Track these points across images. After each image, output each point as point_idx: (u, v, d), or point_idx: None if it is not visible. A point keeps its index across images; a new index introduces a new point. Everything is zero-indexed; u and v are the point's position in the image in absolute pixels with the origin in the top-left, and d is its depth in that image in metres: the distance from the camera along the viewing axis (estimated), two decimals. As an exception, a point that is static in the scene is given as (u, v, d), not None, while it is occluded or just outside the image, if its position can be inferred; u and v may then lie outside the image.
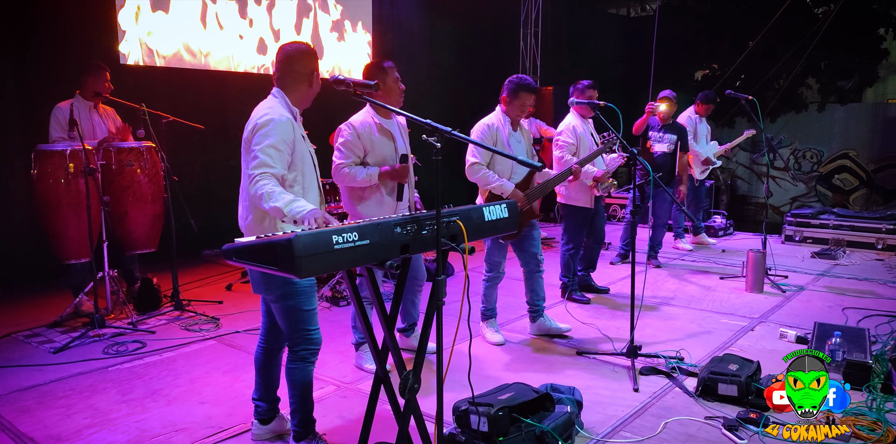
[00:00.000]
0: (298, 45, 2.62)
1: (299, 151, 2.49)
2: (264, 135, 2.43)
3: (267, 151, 2.40)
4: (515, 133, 3.98)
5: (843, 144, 13.76)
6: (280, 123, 2.44)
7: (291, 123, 2.49)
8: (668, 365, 3.62)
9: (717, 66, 13.10)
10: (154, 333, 4.29)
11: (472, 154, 3.86)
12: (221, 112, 6.22)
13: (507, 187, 3.86)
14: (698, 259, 6.53)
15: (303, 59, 2.59)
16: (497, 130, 3.88)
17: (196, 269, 5.99)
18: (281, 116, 2.47)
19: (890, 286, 5.39)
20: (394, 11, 8.30)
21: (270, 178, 2.37)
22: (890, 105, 14.29)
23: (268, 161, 2.39)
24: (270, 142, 2.40)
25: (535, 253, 4.09)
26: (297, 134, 2.51)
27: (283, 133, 2.43)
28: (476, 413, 2.53)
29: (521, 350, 4.01)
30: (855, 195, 13.80)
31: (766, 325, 4.43)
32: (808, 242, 7.08)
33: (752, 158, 14.03)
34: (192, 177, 6.21)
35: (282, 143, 2.41)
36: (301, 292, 2.53)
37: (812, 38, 10.43)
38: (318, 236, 1.87)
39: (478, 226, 2.32)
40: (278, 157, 2.40)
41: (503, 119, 3.95)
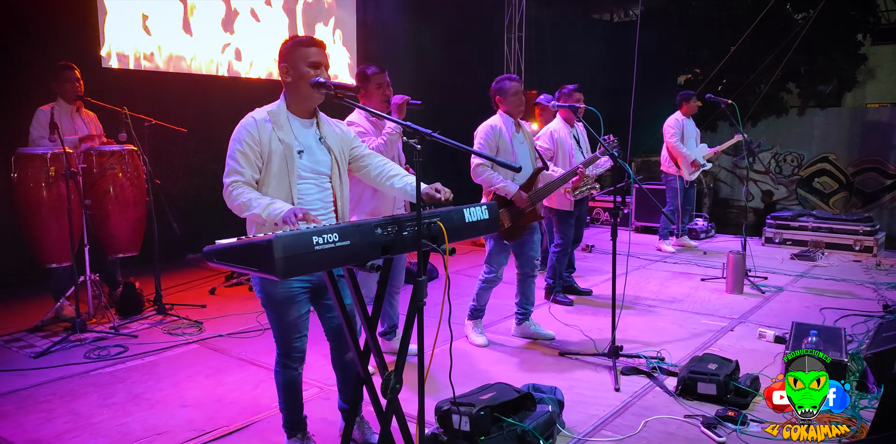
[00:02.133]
0: (284, 42, 2.50)
1: (276, 156, 2.38)
2: (232, 140, 2.41)
3: (234, 156, 2.38)
4: (518, 134, 4.01)
5: (823, 148, 13.97)
6: (244, 126, 2.40)
7: (260, 124, 2.39)
8: (649, 365, 3.67)
9: (699, 70, 13.26)
10: (136, 337, 4.27)
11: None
12: (204, 116, 6.20)
13: (511, 188, 3.87)
14: (680, 261, 6.60)
15: (282, 54, 2.46)
16: (500, 131, 3.91)
17: (179, 273, 5.96)
18: (249, 119, 2.42)
19: (866, 287, 5.48)
20: (378, 16, 8.33)
21: (242, 185, 2.35)
22: (868, 109, 14.54)
23: (236, 167, 2.37)
24: (235, 147, 2.38)
25: (533, 257, 4.12)
26: (273, 135, 2.38)
27: (247, 135, 2.37)
28: (458, 413, 2.55)
29: (504, 351, 4.03)
30: (835, 198, 14.00)
31: (746, 325, 4.49)
32: (788, 244, 7.18)
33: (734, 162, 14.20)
34: (174, 181, 6.20)
35: (246, 145, 2.36)
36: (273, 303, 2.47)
37: (792, 43, 10.59)
38: (298, 237, 1.88)
39: (458, 227, 2.34)
40: (244, 160, 2.36)
41: (506, 120, 3.97)
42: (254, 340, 4.25)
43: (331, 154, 2.52)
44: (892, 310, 4.62)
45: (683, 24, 12.53)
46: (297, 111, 2.48)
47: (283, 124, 2.43)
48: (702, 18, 12.53)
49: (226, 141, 2.46)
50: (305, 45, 2.41)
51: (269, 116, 2.43)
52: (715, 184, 14.55)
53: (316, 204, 2.48)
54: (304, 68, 2.38)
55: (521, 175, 4.00)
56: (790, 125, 13.89)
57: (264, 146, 2.38)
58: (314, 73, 2.38)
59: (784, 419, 3.01)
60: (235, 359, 3.92)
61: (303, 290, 2.49)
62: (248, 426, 3.04)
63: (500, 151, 3.89)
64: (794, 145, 14.17)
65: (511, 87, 3.94)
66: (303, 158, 2.43)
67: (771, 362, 3.75)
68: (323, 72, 2.41)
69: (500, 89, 3.95)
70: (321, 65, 2.41)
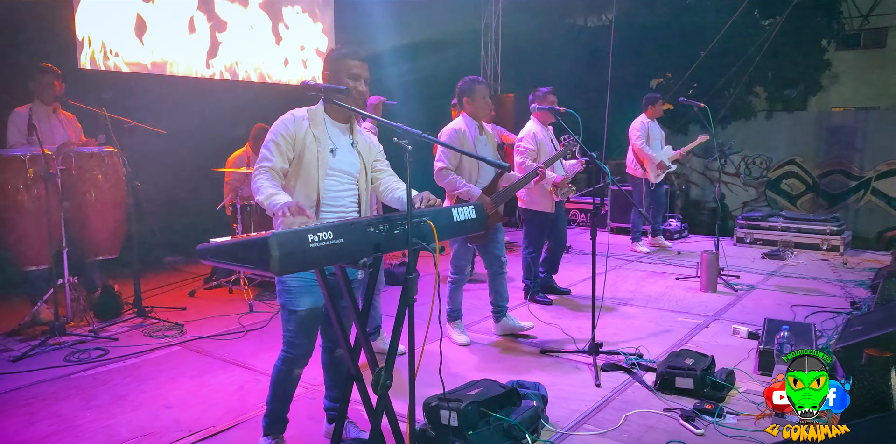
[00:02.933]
0: (331, 50, 2.67)
1: (309, 150, 2.52)
2: (270, 131, 2.56)
3: (268, 146, 2.53)
4: (481, 137, 4.09)
5: (790, 151, 14.32)
6: (282, 120, 2.56)
7: (297, 121, 2.54)
8: (628, 361, 3.75)
9: (670, 74, 13.52)
10: (117, 340, 4.24)
11: (440, 159, 3.96)
12: (182, 118, 6.17)
13: (475, 192, 3.96)
14: (655, 261, 6.73)
15: (327, 62, 2.62)
16: (464, 134, 3.98)
17: (158, 276, 5.92)
18: (289, 115, 2.57)
19: (834, 285, 5.66)
20: (356, 19, 8.36)
21: (266, 172, 2.49)
22: (833, 113, 14.95)
23: (267, 154, 2.52)
24: (271, 137, 2.54)
25: (499, 255, 4.20)
26: (309, 132, 2.53)
27: (283, 128, 2.52)
28: (446, 409, 2.60)
29: (486, 350, 4.10)
30: (802, 200, 14.36)
31: (720, 322, 4.61)
32: (759, 243, 7.37)
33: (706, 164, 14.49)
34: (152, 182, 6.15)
35: (281, 137, 2.51)
36: (287, 290, 2.55)
37: (759, 48, 10.87)
38: (294, 235, 1.92)
39: (447, 226, 2.40)
40: (276, 150, 2.51)
41: (470, 123, 4.05)
42: (237, 341, 4.25)
43: (360, 158, 2.67)
44: (859, 306, 4.79)
45: (655, 29, 12.77)
46: (334, 116, 2.63)
47: (319, 123, 2.58)
48: (672, 24, 12.78)
49: (204, 143, 2.55)
50: (351, 57, 2.57)
51: (307, 114, 2.58)
52: (686, 186, 14.83)
53: (339, 201, 2.61)
54: (345, 79, 2.54)
55: (484, 177, 4.08)
56: (758, 129, 14.22)
57: (298, 140, 2.52)
58: (353, 84, 2.54)
59: (759, 410, 3.15)
60: (219, 360, 3.92)
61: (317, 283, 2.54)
62: (235, 426, 3.05)
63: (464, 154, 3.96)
64: (762, 148, 14.50)
65: (481, 89, 4.04)
66: (334, 156, 2.57)
67: (745, 357, 3.87)
68: (362, 84, 2.57)
69: (470, 91, 4.02)
70: (361, 77, 2.56)
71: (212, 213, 5.92)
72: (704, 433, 2.94)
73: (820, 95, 15.02)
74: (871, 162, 13.47)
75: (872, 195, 13.58)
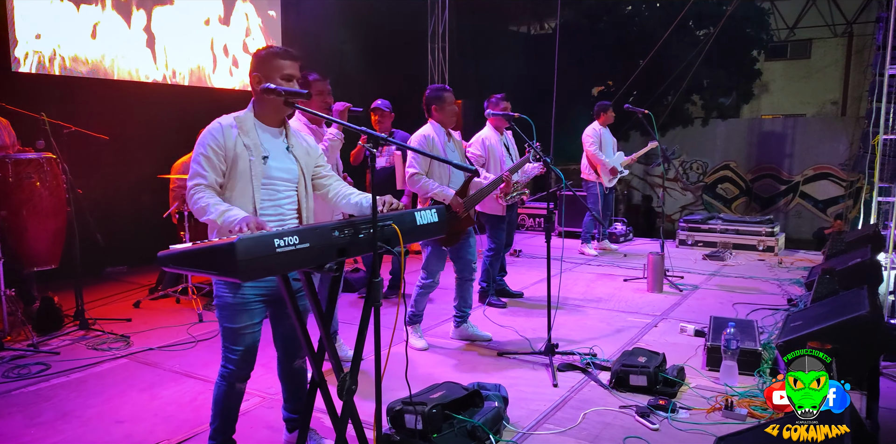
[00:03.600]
0: (258, 51, 2.50)
1: (241, 160, 2.39)
2: (198, 144, 2.42)
3: (198, 160, 2.39)
4: (450, 143, 4.14)
5: (725, 156, 14.94)
6: (209, 131, 2.41)
7: (225, 129, 2.40)
8: (583, 361, 3.84)
9: (611, 82, 13.91)
10: (59, 354, 4.07)
11: (412, 165, 3.98)
12: (126, 123, 6.00)
13: (448, 193, 3.99)
14: (603, 263, 6.90)
15: (255, 63, 2.47)
16: (434, 140, 4.02)
17: (99, 287, 5.70)
18: (215, 124, 2.43)
19: (771, 283, 5.92)
20: (300, 23, 8.28)
21: (205, 189, 2.36)
22: (764, 120, 15.68)
23: (199, 170, 2.38)
24: (200, 150, 2.39)
25: (471, 261, 4.24)
26: (239, 140, 2.39)
27: (212, 140, 2.38)
28: (410, 413, 2.60)
29: (445, 354, 4.11)
30: (736, 203, 14.98)
31: (668, 321, 4.77)
32: (699, 245, 7.64)
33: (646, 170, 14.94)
34: (94, 190, 5.94)
35: (210, 150, 2.37)
36: (224, 306, 2.46)
37: (696, 58, 11.30)
38: (260, 240, 1.90)
39: (410, 229, 2.41)
40: (208, 164, 2.37)
41: (438, 130, 4.10)
42: (187, 352, 4.14)
43: (298, 163, 2.55)
44: (796, 303, 5.03)
45: (597, 38, 13.12)
46: (265, 120, 2.49)
47: (249, 130, 2.44)
48: (614, 33, 13.17)
49: (147, 149, 2.46)
50: (282, 57, 2.42)
51: (235, 122, 2.43)
52: (628, 191, 15.26)
53: (278, 210, 2.49)
54: (277, 80, 2.40)
55: (455, 182, 4.13)
56: (695, 135, 14.79)
57: (229, 150, 2.38)
58: (286, 85, 2.41)
59: (709, 405, 3.27)
60: (169, 372, 3.81)
61: (258, 298, 2.47)
62: (191, 439, 2.97)
63: (434, 160, 4.00)
64: (699, 154, 15.08)
65: (449, 97, 4.10)
66: (267, 163, 2.44)
67: (693, 354, 4.01)
68: (294, 85, 2.44)
69: (439, 98, 4.08)
70: (294, 78, 2.44)
71: (157, 221, 5.76)
72: (660, 428, 3.03)
73: (752, 102, 15.74)
74: (799, 167, 14.18)
75: (801, 198, 14.29)
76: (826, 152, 13.80)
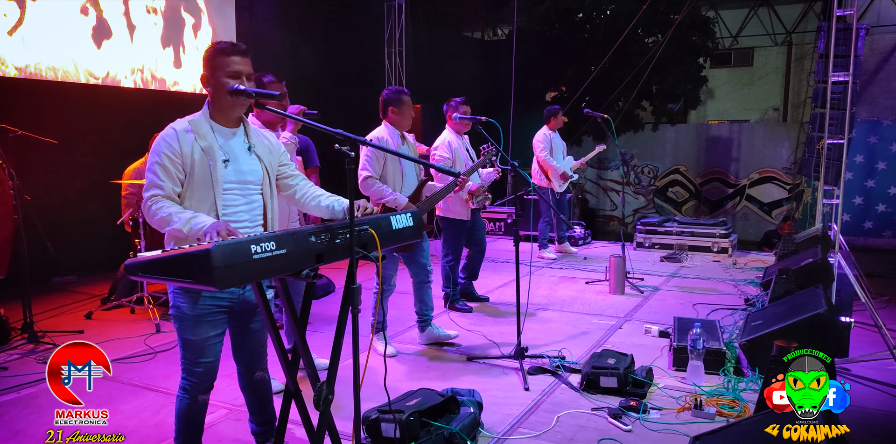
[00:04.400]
0: (206, 48, 2.39)
1: (199, 165, 2.28)
2: (152, 153, 2.29)
3: (153, 170, 2.27)
4: (404, 146, 4.11)
5: (675, 161, 15.32)
6: (163, 138, 2.30)
7: (181, 135, 2.29)
8: (553, 364, 3.85)
9: (564, 88, 14.10)
10: (6, 369, 3.86)
11: (365, 168, 3.93)
12: (75, 127, 5.76)
13: (401, 200, 3.96)
14: (564, 267, 6.96)
15: (204, 62, 2.36)
16: (387, 143, 3.98)
17: (47, 298, 5.45)
18: (169, 130, 2.31)
19: (727, 284, 6.07)
20: (253, 26, 8.13)
21: (162, 199, 2.24)
22: (710, 126, 16.16)
23: (155, 180, 2.26)
24: (155, 159, 2.27)
25: (425, 264, 4.20)
26: (196, 145, 2.28)
27: (167, 147, 2.26)
28: (388, 421, 2.55)
29: (414, 360, 4.07)
30: (686, 206, 15.37)
31: (632, 322, 4.83)
32: (656, 247, 7.80)
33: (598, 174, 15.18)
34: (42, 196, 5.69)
35: (166, 158, 2.25)
36: (181, 317, 2.36)
37: (645, 65, 11.54)
38: (236, 246, 1.83)
39: (386, 234, 2.38)
40: (164, 173, 2.25)
41: (392, 132, 4.05)
42: (146, 364, 3.98)
43: (261, 163, 2.44)
44: (753, 303, 5.16)
45: (549, 44, 13.30)
46: (221, 120, 2.38)
47: (205, 134, 2.32)
48: (566, 39, 13.36)
49: (89, 154, 2.34)
50: (227, 53, 2.31)
51: (190, 126, 2.31)
52: (582, 195, 15.49)
53: (242, 216, 2.39)
54: (224, 78, 2.29)
55: (408, 186, 4.12)
56: (646, 140, 15.11)
57: (186, 157, 2.26)
58: (235, 83, 2.29)
59: (678, 404, 3.31)
60: (128, 385, 3.66)
61: (219, 309, 2.38)
62: (155, 454, 2.85)
63: (389, 163, 3.98)
64: (649, 158, 15.42)
65: (407, 100, 4.10)
66: (228, 167, 2.33)
67: (659, 355, 4.07)
68: (244, 82, 2.31)
69: (398, 101, 4.05)
70: (242, 74, 2.31)
71: (106, 229, 5.54)
72: (633, 429, 3.05)
73: (699, 108, 16.18)
74: (745, 171, 14.65)
75: (747, 201, 14.75)
76: (770, 156, 14.28)
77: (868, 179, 10.94)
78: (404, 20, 9.66)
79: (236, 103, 2.33)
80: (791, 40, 16.83)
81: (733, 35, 17.03)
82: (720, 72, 17.39)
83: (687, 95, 14.73)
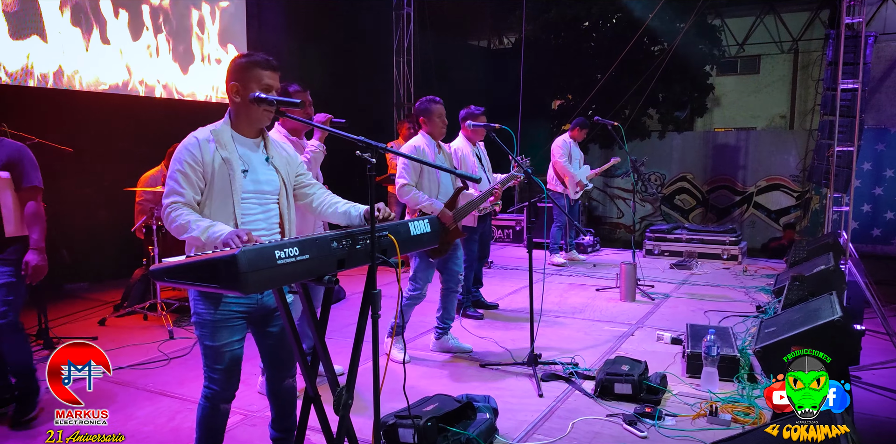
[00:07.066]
0: (236, 58, 2.43)
1: (219, 175, 2.31)
2: (174, 160, 2.33)
3: (174, 177, 2.31)
4: (440, 155, 4.16)
5: (682, 168, 15.32)
6: (185, 146, 2.33)
7: (202, 144, 2.32)
8: (566, 371, 3.85)
9: (570, 96, 14.15)
10: (22, 375, 3.88)
11: (402, 176, 3.96)
12: (91, 135, 5.81)
13: (437, 206, 4.00)
14: (574, 274, 6.96)
15: (232, 72, 2.39)
16: (424, 152, 4.03)
17: (60, 305, 5.47)
18: (191, 138, 2.35)
19: (738, 291, 6.06)
20: (262, 35, 8.19)
21: (182, 207, 2.27)
22: (717, 133, 16.16)
23: (176, 188, 2.29)
24: (176, 167, 2.31)
25: (457, 272, 4.23)
26: (217, 155, 2.31)
27: (189, 156, 2.30)
28: (406, 426, 2.56)
29: (427, 366, 4.07)
30: (693, 214, 15.35)
31: (644, 329, 4.83)
32: (666, 254, 7.79)
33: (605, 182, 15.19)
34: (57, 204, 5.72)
35: (188, 166, 2.29)
36: (203, 323, 2.36)
37: (652, 73, 11.59)
38: (261, 252, 1.86)
39: (405, 240, 2.40)
40: (185, 181, 2.29)
41: (429, 141, 4.11)
42: (160, 370, 4.00)
43: (278, 174, 2.47)
44: (764, 310, 5.15)
45: (556, 52, 13.36)
46: (243, 131, 2.42)
47: (226, 143, 2.35)
48: (572, 48, 13.42)
49: (100, 162, 2.36)
50: (262, 66, 2.35)
51: (212, 136, 2.35)
52: (588, 202, 15.50)
53: (260, 224, 2.41)
54: (257, 91, 2.32)
55: (444, 194, 4.14)
56: (653, 147, 15.12)
57: (207, 166, 2.30)
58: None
59: (693, 411, 3.31)
60: (143, 391, 3.67)
61: (237, 315, 2.39)
62: (172, 460, 2.86)
63: (425, 171, 4.00)
64: (656, 166, 15.42)
65: (437, 109, 4.11)
66: (247, 177, 2.36)
67: (672, 362, 4.06)
68: (273, 96, 2.35)
69: (427, 111, 4.09)
70: (273, 88, 2.36)
71: (117, 235, 5.58)
72: (648, 435, 3.05)
73: (705, 116, 16.21)
74: (753, 178, 14.63)
75: (754, 209, 14.73)
76: (777, 164, 14.26)
77: (876, 186, 10.93)
78: (412, 29, 9.72)
79: (262, 115, 2.36)
80: (797, 48, 16.85)
81: (739, 43, 17.06)
82: (727, 79, 17.40)
83: (693, 103, 14.77)
